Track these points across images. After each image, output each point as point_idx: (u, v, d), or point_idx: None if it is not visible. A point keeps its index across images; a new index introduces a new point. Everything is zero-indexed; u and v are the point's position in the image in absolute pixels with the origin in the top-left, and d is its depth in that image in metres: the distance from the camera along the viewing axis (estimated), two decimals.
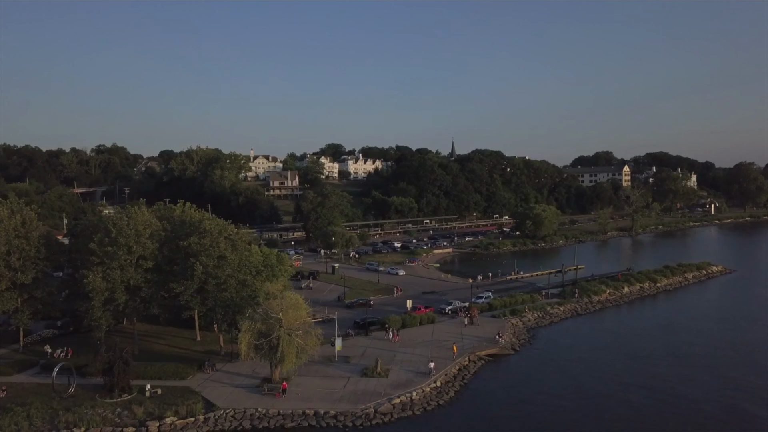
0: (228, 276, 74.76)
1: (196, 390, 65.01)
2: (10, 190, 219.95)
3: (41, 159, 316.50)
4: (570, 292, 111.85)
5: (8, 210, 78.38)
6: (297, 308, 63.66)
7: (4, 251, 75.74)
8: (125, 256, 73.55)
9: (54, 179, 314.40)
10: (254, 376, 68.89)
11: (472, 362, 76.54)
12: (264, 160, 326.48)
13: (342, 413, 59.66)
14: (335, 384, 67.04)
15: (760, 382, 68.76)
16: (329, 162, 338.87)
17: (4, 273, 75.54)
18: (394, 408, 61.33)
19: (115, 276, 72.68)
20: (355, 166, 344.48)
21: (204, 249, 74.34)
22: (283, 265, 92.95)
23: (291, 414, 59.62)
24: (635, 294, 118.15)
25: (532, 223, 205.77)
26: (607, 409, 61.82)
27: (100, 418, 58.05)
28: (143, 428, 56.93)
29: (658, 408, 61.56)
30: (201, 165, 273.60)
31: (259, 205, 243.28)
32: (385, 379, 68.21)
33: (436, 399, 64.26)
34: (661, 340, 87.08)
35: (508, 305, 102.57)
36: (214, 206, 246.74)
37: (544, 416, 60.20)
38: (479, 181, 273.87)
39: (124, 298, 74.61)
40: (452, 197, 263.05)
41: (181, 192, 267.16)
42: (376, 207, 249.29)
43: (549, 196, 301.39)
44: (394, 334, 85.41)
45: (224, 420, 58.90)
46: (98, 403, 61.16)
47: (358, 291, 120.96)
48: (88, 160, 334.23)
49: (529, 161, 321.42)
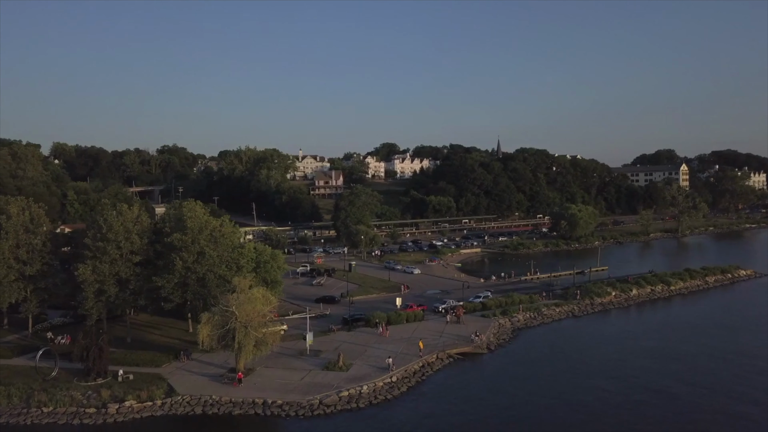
0: (207, 271, 79.13)
1: (164, 377, 69.59)
2: (70, 188, 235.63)
3: (106, 159, 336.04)
4: (572, 294, 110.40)
5: (18, 207, 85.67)
6: (253, 302, 66.87)
7: (13, 244, 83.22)
8: (114, 251, 79.21)
9: (117, 178, 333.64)
10: (224, 366, 72.85)
11: (439, 359, 77.81)
12: (312, 160, 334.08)
13: (288, 403, 62.65)
14: (294, 376, 70.07)
15: (714, 401, 65.42)
16: (375, 161, 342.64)
17: (13, 265, 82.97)
18: (340, 400, 63.71)
19: (104, 269, 78.43)
20: (402, 165, 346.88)
21: (184, 245, 79.04)
22: (275, 261, 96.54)
23: (241, 402, 63.14)
24: (644, 297, 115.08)
25: (567, 223, 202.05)
26: (546, 412, 61.67)
27: (69, 399, 63.45)
28: (104, 410, 61.88)
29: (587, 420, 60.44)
30: (249, 165, 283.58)
31: (301, 203, 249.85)
32: (344, 373, 70.65)
33: (384, 393, 66.16)
34: (634, 347, 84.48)
35: (502, 305, 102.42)
36: (259, 204, 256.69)
37: (483, 415, 60.89)
38: (522, 180, 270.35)
39: (115, 290, 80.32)
40: (493, 197, 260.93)
41: (230, 191, 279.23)
42: (415, 206, 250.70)
43: (597, 195, 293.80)
44: (383, 328, 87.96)
45: (179, 405, 63.08)
46: (74, 385, 66.63)
47: (365, 288, 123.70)
48: (149, 160, 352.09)
49: (576, 160, 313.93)
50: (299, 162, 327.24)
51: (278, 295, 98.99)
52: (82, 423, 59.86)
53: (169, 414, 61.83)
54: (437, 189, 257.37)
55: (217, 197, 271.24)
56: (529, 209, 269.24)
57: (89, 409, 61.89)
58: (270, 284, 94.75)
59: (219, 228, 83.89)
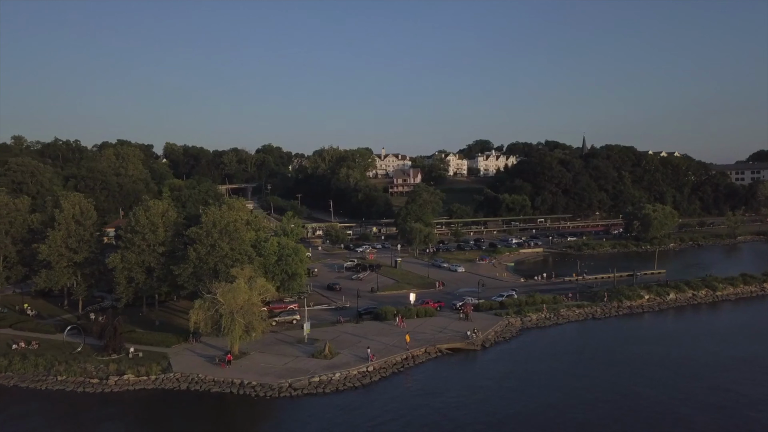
0: (217, 261, 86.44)
1: (169, 356, 77.44)
2: (166, 185, 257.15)
3: (206, 158, 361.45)
4: (599, 296, 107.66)
5: (70, 202, 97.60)
6: (237, 291, 72.79)
7: (65, 234, 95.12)
8: (141, 241, 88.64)
9: (217, 176, 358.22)
10: (223, 350, 79.27)
11: (427, 353, 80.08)
12: (393, 158, 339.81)
13: (261, 384, 68.16)
14: (279, 361, 75.49)
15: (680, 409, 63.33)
16: (458, 159, 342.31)
17: (64, 253, 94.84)
18: (309, 385, 68.32)
19: (131, 258, 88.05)
20: (486, 163, 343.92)
21: (199, 238, 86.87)
22: (297, 255, 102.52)
23: (222, 381, 69.52)
24: (682, 301, 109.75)
25: (640, 224, 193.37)
26: (506, 414, 61.87)
27: (82, 370, 72.70)
28: (105, 381, 70.50)
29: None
30: (332, 164, 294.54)
31: (376, 201, 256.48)
32: (326, 361, 75.07)
33: (354, 381, 69.97)
34: (635, 353, 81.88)
35: (520, 305, 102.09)
36: (338, 201, 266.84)
37: (445, 411, 62.00)
38: (605, 178, 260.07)
39: (143, 277, 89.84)
40: (572, 195, 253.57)
41: (313, 188, 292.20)
42: (488, 204, 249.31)
43: (691, 195, 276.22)
44: (400, 320, 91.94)
45: (169, 381, 70.50)
46: (91, 359, 76.05)
47: (401, 284, 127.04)
48: (245, 159, 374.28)
49: (667, 158, 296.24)
50: (381, 160, 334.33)
51: (300, 288, 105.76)
52: (85, 391, 68.66)
53: (158, 388, 69.37)
54: (513, 187, 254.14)
55: (300, 194, 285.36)
56: (612, 209, 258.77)
57: (93, 380, 70.79)
58: (291, 276, 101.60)
59: (233, 223, 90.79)
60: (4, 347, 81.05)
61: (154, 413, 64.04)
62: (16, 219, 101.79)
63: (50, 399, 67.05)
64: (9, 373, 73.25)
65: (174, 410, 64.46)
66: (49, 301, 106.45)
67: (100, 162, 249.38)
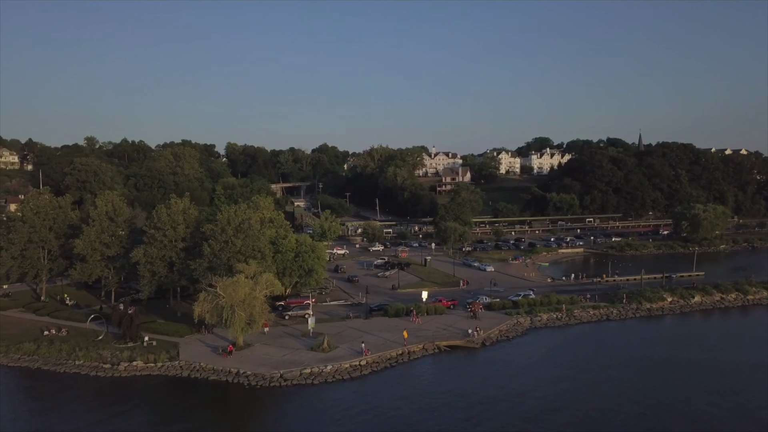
0: (230, 257, 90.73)
1: (179, 345, 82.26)
2: (220, 183, 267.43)
3: (263, 157, 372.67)
4: (619, 297, 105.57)
5: (103, 200, 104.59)
6: (237, 286, 76.60)
7: (98, 230, 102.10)
8: (162, 237, 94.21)
9: (273, 174, 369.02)
10: (230, 341, 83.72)
11: (425, 349, 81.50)
12: (444, 157, 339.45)
13: (255, 374, 71.72)
14: (278, 353, 78.87)
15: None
16: (510, 157, 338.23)
17: (97, 247, 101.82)
18: (300, 375, 71.34)
19: (153, 252, 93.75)
20: (539, 161, 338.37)
21: (213, 234, 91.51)
22: (314, 252, 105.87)
23: (220, 370, 73.57)
24: (708, 305, 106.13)
25: (688, 224, 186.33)
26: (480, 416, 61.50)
27: (98, 356, 78.49)
28: (116, 366, 75.90)
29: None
30: (380, 162, 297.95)
31: (421, 199, 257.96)
32: (322, 354, 77.88)
33: (343, 374, 72.50)
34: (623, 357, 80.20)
35: (536, 304, 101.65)
36: (385, 200, 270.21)
37: (425, 407, 63.30)
38: (659, 177, 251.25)
39: (165, 271, 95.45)
40: (623, 194, 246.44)
41: (361, 187, 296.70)
42: (535, 203, 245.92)
43: (755, 194, 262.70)
44: (414, 316, 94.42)
45: (173, 368, 75.20)
46: (110, 346, 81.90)
47: (424, 282, 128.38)
48: (301, 158, 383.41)
49: (729, 155, 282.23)
50: (431, 159, 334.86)
51: (317, 283, 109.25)
52: (97, 375, 74.29)
53: (162, 374, 74.15)
54: (562, 186, 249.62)
55: (349, 193, 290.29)
56: (667, 208, 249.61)
57: (106, 365, 76.40)
58: (308, 272, 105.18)
59: (248, 221, 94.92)
60: (38, 333, 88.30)
61: (152, 397, 68.56)
62: (59, 216, 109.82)
63: (64, 381, 73.02)
64: (35, 356, 79.97)
65: (171, 395, 69.00)
66: (90, 292, 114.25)
67: (159, 162, 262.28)
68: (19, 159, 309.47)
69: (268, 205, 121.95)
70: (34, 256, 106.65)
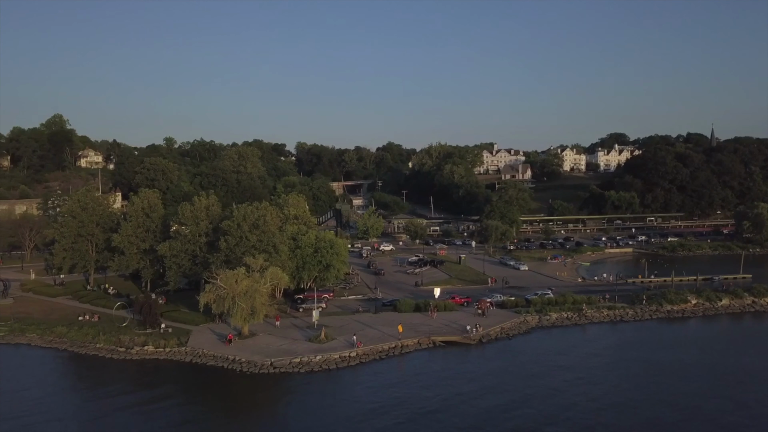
0: (245, 251, 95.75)
1: (191, 333, 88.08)
2: (281, 181, 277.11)
3: (327, 156, 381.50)
4: (638, 299, 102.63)
5: (140, 198, 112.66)
6: (236, 278, 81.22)
7: (135, 225, 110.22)
8: (184, 232, 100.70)
9: (338, 173, 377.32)
10: (237, 330, 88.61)
11: (419, 344, 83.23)
12: (506, 154, 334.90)
13: (249, 362, 76.08)
14: (277, 342, 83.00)
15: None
16: (574, 154, 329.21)
17: (134, 241, 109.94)
18: (289, 364, 75.02)
19: (177, 246, 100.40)
20: (606, 158, 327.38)
21: (230, 230, 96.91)
22: (333, 248, 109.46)
23: (218, 357, 78.47)
24: (736, 308, 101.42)
25: (750, 224, 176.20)
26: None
27: (117, 341, 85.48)
28: (129, 350, 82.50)
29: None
30: (438, 160, 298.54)
31: (476, 197, 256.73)
32: (317, 345, 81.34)
33: (330, 365, 75.57)
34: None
35: (550, 303, 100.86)
36: (441, 198, 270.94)
37: (379, 405, 64.11)
38: (729, 174, 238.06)
39: (189, 263, 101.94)
40: (689, 192, 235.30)
41: (418, 185, 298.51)
42: (593, 202, 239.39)
43: None
44: (432, 310, 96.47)
45: (178, 354, 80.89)
46: (131, 331, 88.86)
47: (451, 279, 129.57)
48: (365, 157, 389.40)
49: None
50: (492, 156, 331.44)
51: (336, 278, 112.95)
52: (111, 357, 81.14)
53: (168, 358, 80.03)
54: (622, 183, 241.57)
55: (406, 190, 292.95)
56: (737, 207, 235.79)
57: (120, 349, 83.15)
58: (326, 267, 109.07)
59: (263, 218, 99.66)
60: (74, 318, 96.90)
61: (153, 377, 74.41)
62: (104, 212, 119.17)
63: (82, 360, 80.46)
64: (65, 339, 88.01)
65: (168, 377, 74.53)
66: (134, 283, 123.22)
67: (224, 161, 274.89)
68: (103, 159, 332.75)
69: (296, 203, 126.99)
70: (83, 249, 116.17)
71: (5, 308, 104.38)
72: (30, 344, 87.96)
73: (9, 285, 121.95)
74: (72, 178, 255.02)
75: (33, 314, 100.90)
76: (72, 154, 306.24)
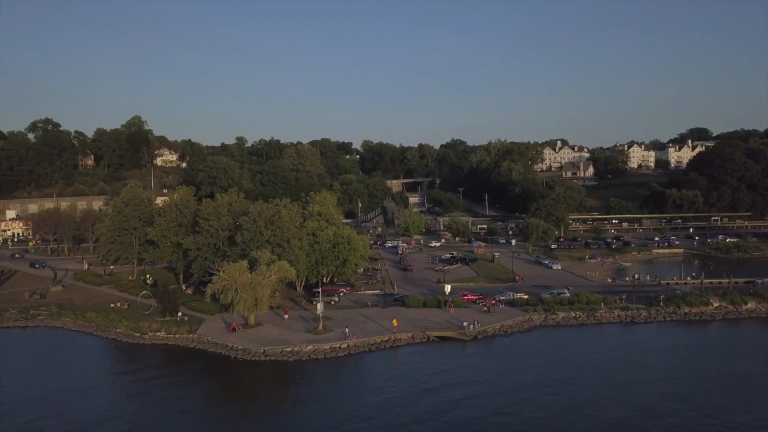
0: (259, 245, 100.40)
1: (204, 321, 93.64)
2: (337, 179, 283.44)
3: (389, 154, 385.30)
4: (656, 301, 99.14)
5: (173, 195, 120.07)
6: (238, 270, 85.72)
7: (169, 220, 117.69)
8: (208, 227, 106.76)
9: (399, 170, 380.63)
10: (245, 320, 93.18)
11: (413, 338, 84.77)
12: (569, 151, 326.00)
13: (244, 349, 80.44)
14: (277, 332, 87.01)
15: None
16: (643, 150, 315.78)
17: (167, 235, 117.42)
18: (281, 353, 78.70)
19: (200, 240, 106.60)
20: (677, 154, 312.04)
21: (246, 226, 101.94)
22: (349, 245, 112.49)
23: (218, 344, 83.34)
24: (762, 312, 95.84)
25: None
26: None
27: (135, 326, 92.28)
28: (144, 335, 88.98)
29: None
30: (496, 157, 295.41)
31: (533, 195, 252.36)
32: (313, 336, 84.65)
33: (318, 354, 78.68)
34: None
35: (561, 302, 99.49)
36: (497, 195, 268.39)
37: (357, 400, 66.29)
38: None
39: (212, 257, 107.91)
40: (760, 191, 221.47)
41: (476, 182, 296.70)
42: (654, 200, 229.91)
43: None
44: (449, 306, 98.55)
45: (186, 340, 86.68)
46: (149, 319, 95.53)
47: (479, 277, 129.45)
48: (427, 154, 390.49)
49: None
50: (555, 153, 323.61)
51: (353, 273, 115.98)
52: (126, 341, 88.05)
53: (176, 344, 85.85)
54: (686, 181, 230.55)
55: (463, 188, 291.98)
56: None
57: (136, 334, 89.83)
58: (343, 262, 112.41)
59: (278, 214, 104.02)
60: (107, 305, 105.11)
61: (150, 359, 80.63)
62: (145, 207, 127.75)
63: (99, 342, 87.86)
64: (92, 323, 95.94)
65: (169, 360, 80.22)
66: (175, 274, 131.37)
67: (283, 159, 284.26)
68: (178, 158, 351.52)
69: (324, 200, 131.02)
70: (126, 242, 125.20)
71: (53, 295, 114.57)
72: (64, 327, 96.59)
73: (65, 273, 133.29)
74: (146, 175, 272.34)
75: (75, 301, 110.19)
76: (149, 153, 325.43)
